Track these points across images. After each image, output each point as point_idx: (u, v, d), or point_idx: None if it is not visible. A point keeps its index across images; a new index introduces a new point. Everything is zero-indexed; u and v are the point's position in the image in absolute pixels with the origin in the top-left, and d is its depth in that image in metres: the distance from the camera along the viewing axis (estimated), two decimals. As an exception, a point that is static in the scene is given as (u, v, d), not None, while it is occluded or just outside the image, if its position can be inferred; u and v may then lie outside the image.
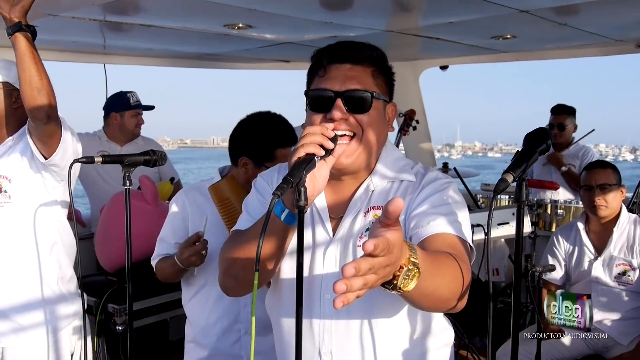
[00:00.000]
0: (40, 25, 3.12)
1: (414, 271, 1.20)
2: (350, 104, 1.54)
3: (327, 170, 1.46)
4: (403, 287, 1.20)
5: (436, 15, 3.20)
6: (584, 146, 5.43)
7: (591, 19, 3.25)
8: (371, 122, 1.56)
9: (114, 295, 3.44)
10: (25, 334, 2.48)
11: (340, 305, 1.06)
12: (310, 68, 1.65)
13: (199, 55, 4.58)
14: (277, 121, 2.48)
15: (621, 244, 3.41)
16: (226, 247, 1.62)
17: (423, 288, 1.24)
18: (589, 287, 3.47)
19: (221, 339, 2.49)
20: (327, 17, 3.15)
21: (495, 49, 4.21)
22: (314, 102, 1.58)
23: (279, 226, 1.45)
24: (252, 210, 1.69)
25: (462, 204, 1.56)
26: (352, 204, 1.62)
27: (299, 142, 1.42)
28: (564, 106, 5.36)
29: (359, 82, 1.56)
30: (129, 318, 2.21)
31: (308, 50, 1.71)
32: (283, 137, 2.42)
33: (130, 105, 4.40)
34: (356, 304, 1.35)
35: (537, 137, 1.48)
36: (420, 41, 3.90)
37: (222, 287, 1.67)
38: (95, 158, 2.26)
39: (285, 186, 1.30)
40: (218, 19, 3.17)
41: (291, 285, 1.59)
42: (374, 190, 1.63)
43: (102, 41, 3.79)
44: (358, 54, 1.58)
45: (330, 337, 1.61)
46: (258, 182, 1.77)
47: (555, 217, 4.60)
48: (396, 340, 1.62)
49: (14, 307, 2.47)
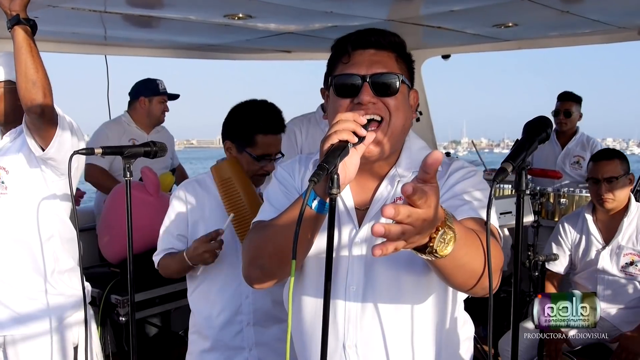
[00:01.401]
0: (40, 17, 3.11)
1: (449, 234, 1.19)
2: (378, 87, 1.53)
3: (357, 158, 1.42)
4: (439, 250, 1.18)
5: (437, 3, 3.19)
6: (588, 136, 5.39)
7: (593, 6, 3.23)
8: (398, 106, 1.55)
9: (117, 287, 3.46)
10: (25, 325, 2.49)
11: (379, 253, 1.08)
12: (331, 56, 1.64)
13: (200, 46, 4.57)
14: (261, 108, 2.49)
15: (630, 233, 3.38)
16: (252, 238, 1.60)
17: (457, 258, 1.25)
18: (594, 277, 3.45)
19: (223, 331, 2.50)
20: (327, 6, 3.13)
21: (498, 37, 4.19)
22: (340, 88, 1.56)
23: (310, 215, 1.41)
24: (274, 202, 1.66)
25: (488, 191, 1.53)
26: (379, 195, 1.61)
27: (330, 129, 1.39)
28: (570, 93, 5.31)
29: (385, 66, 1.55)
30: (130, 309, 2.22)
31: (309, 40, 1.71)
32: (264, 124, 2.44)
33: (159, 91, 4.50)
34: (383, 295, 1.50)
35: (537, 125, 1.47)
36: (421, 30, 3.88)
37: (247, 277, 1.63)
38: (96, 150, 2.26)
39: (321, 173, 1.27)
40: (218, 9, 3.16)
41: (315, 276, 1.60)
42: (400, 180, 1.61)
43: (102, 32, 3.78)
44: (382, 39, 1.57)
45: (355, 329, 1.58)
46: (279, 173, 1.74)
47: (558, 206, 4.59)
48: (420, 334, 1.61)
49: (12, 298, 2.49)
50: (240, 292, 2.47)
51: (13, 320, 2.48)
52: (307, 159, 1.73)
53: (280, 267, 1.52)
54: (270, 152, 2.47)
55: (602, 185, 3.34)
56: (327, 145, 1.36)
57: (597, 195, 3.39)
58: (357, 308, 1.58)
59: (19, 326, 2.48)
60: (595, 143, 5.35)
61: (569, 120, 5.26)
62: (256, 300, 2.47)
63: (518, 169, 1.37)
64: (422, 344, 1.62)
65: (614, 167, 3.36)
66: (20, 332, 2.48)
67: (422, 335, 1.62)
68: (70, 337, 2.59)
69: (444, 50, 4.87)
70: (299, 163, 1.74)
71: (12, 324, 2.48)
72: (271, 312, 2.49)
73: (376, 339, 1.58)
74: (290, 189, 1.68)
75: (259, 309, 2.48)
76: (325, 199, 1.39)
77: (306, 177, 1.66)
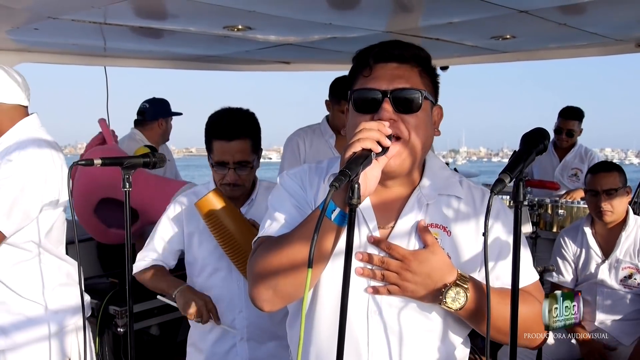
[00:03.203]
0: (40, 28, 3.13)
1: (461, 292, 1.43)
2: (399, 103, 1.47)
3: (379, 170, 1.38)
4: (449, 304, 1.43)
5: (436, 15, 3.20)
6: (586, 148, 5.36)
7: (591, 19, 3.25)
8: (419, 125, 1.49)
9: (116, 297, 3.45)
10: (20, 336, 2.46)
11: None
12: (352, 68, 1.58)
13: (199, 57, 4.58)
14: (222, 114, 2.40)
15: (627, 246, 3.38)
16: (261, 255, 1.49)
17: (476, 312, 1.44)
18: (594, 289, 3.45)
19: (217, 345, 2.48)
20: (326, 18, 3.15)
21: (495, 49, 4.20)
22: (360, 103, 1.50)
23: (329, 227, 1.36)
24: (284, 215, 1.56)
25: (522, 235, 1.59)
26: (404, 215, 1.54)
27: (354, 137, 1.35)
28: (573, 111, 5.18)
29: (407, 81, 1.49)
30: (129, 320, 2.21)
31: (308, 52, 1.71)
32: (217, 128, 2.35)
33: (172, 112, 4.75)
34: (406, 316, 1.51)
35: (535, 137, 1.47)
36: (420, 42, 3.90)
37: (255, 299, 1.51)
38: (95, 160, 2.26)
39: (342, 178, 1.23)
40: (217, 20, 3.17)
41: (334, 295, 1.47)
42: (429, 204, 1.56)
43: (102, 43, 3.80)
44: (405, 52, 1.51)
45: (377, 353, 1.51)
46: (286, 183, 1.64)
47: (556, 217, 4.59)
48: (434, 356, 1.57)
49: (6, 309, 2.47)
50: (233, 306, 2.44)
51: (4, 332, 2.46)
52: (318, 169, 1.65)
53: (295, 286, 1.44)
54: (225, 160, 2.34)
55: (601, 197, 3.33)
56: (349, 153, 1.33)
57: (596, 207, 3.38)
58: (379, 331, 1.51)
59: (10, 338, 2.46)
60: (593, 155, 5.34)
61: (570, 139, 5.21)
62: (250, 315, 2.41)
63: (516, 180, 1.37)
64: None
65: (613, 179, 3.35)
66: (11, 343, 2.46)
67: (445, 355, 1.58)
68: (66, 347, 2.57)
69: (442, 61, 4.89)
70: (310, 173, 1.65)
71: (4, 335, 2.46)
72: (267, 328, 2.44)
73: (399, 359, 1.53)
74: (302, 203, 1.59)
75: (253, 323, 2.44)
76: (345, 210, 1.34)
77: (321, 190, 1.59)
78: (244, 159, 2.35)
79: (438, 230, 1.54)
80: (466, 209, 1.57)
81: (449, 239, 1.54)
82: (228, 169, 2.35)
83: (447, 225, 1.55)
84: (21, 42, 3.65)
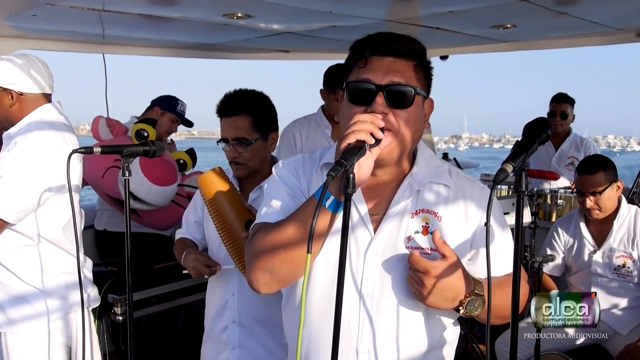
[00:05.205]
0: (38, 15, 3.11)
1: (478, 301, 1.50)
2: (392, 98, 1.52)
3: (372, 161, 1.44)
4: (470, 312, 1.51)
5: (436, 4, 3.19)
6: (581, 137, 5.40)
7: (591, 8, 3.24)
8: (410, 119, 1.54)
9: (114, 286, 3.45)
10: (19, 319, 2.48)
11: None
12: (349, 57, 1.62)
13: (198, 45, 4.56)
14: (227, 94, 2.47)
15: (621, 236, 3.40)
16: (258, 241, 1.55)
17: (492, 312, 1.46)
18: (589, 278, 3.47)
19: (213, 324, 2.54)
20: (326, 6, 3.13)
21: (496, 38, 4.19)
22: (354, 95, 1.55)
23: (323, 214, 1.42)
24: (279, 202, 1.62)
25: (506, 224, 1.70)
26: (395, 202, 1.60)
27: (348, 128, 1.41)
28: (564, 95, 5.31)
29: (402, 75, 1.53)
30: (128, 309, 2.21)
31: (307, 40, 1.71)
32: (220, 106, 2.45)
33: (176, 110, 4.45)
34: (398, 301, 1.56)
35: (537, 126, 1.48)
36: (420, 31, 3.88)
37: (253, 282, 1.57)
38: (94, 149, 2.26)
39: (339, 168, 1.29)
40: (217, 8, 3.16)
41: (325, 280, 1.56)
42: (419, 190, 1.61)
43: (101, 31, 3.78)
44: (401, 46, 1.55)
45: (369, 335, 1.56)
46: (282, 173, 1.70)
47: (555, 207, 4.60)
48: (434, 340, 1.62)
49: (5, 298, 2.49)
50: (227, 288, 2.47)
51: (6, 318, 2.47)
52: (311, 159, 1.71)
53: (291, 270, 1.51)
54: (225, 136, 2.42)
55: (587, 199, 3.36)
56: (344, 144, 1.39)
57: (584, 207, 3.42)
58: (371, 313, 1.56)
59: (13, 324, 2.47)
60: (589, 144, 5.36)
61: (564, 122, 5.27)
62: (242, 299, 2.44)
63: (518, 170, 1.37)
64: (436, 349, 1.63)
65: (598, 180, 3.35)
66: (10, 324, 2.47)
67: (436, 341, 1.62)
68: (63, 335, 2.57)
69: (442, 51, 4.88)
70: (303, 163, 1.71)
71: (5, 320, 2.47)
72: (258, 315, 2.45)
73: (390, 345, 1.57)
74: (296, 191, 1.65)
75: (244, 308, 2.46)
76: (340, 199, 1.40)
77: (314, 179, 1.65)
78: (242, 136, 2.40)
79: (429, 215, 1.59)
80: (455, 197, 1.63)
81: (440, 224, 1.59)
82: (228, 144, 2.41)
83: (437, 211, 1.61)
84: (19, 28, 3.62)
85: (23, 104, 2.53)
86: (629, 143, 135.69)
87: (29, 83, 2.53)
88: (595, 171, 3.39)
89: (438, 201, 1.61)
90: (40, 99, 2.57)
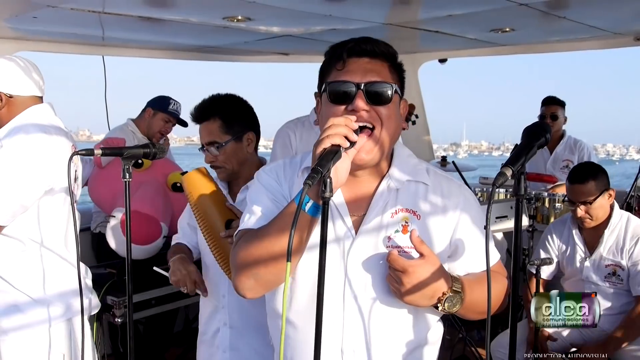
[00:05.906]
0: (39, 17, 3.11)
1: (455, 298, 1.53)
2: (372, 95, 1.55)
3: (348, 162, 1.47)
4: (448, 309, 1.54)
5: (435, 8, 3.20)
6: (575, 139, 5.38)
7: (590, 12, 3.26)
8: (390, 115, 1.57)
9: (113, 288, 3.45)
10: (12, 327, 2.45)
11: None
12: (325, 62, 1.65)
13: (198, 48, 4.57)
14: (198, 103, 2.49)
15: (610, 244, 3.38)
16: (242, 247, 1.58)
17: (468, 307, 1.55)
18: (581, 285, 3.47)
19: (206, 326, 2.54)
20: (326, 9, 3.14)
21: (495, 42, 4.21)
22: (335, 95, 1.57)
23: (304, 218, 1.44)
24: (261, 208, 1.65)
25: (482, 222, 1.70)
26: (375, 202, 1.62)
27: (323, 133, 1.44)
28: (554, 98, 5.29)
29: (379, 74, 1.57)
30: (128, 312, 2.21)
31: (307, 43, 1.72)
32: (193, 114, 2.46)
33: (168, 109, 4.40)
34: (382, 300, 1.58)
35: (536, 130, 1.49)
36: (419, 34, 3.90)
37: (238, 287, 1.60)
38: (95, 150, 2.26)
39: (315, 176, 1.31)
40: (217, 11, 3.17)
41: (309, 280, 1.57)
42: (398, 189, 1.63)
43: (100, 33, 3.79)
44: (376, 48, 1.60)
45: (354, 334, 1.58)
46: (264, 179, 1.73)
47: (553, 211, 4.60)
48: (419, 339, 1.64)
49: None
50: (218, 289, 2.46)
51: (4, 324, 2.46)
52: (292, 164, 1.73)
53: (275, 275, 1.53)
54: (201, 142, 2.46)
55: (578, 208, 3.35)
56: (319, 149, 1.41)
57: (575, 216, 3.41)
58: (355, 313, 1.58)
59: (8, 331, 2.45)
60: (583, 146, 5.35)
61: (555, 123, 5.25)
62: (231, 300, 2.44)
63: (517, 173, 1.38)
64: (420, 348, 1.65)
65: (589, 190, 3.32)
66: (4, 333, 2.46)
67: (420, 339, 1.64)
68: (61, 347, 2.54)
69: (441, 54, 4.90)
70: (284, 168, 1.73)
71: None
72: (248, 316, 2.44)
73: (375, 344, 1.59)
74: (278, 196, 1.68)
75: (234, 309, 2.45)
76: (318, 202, 1.43)
77: (295, 183, 1.68)
78: (213, 140, 2.43)
79: (408, 214, 1.61)
80: (433, 196, 1.65)
81: (419, 222, 1.62)
82: (204, 150, 2.45)
83: (416, 209, 1.63)
84: (19, 30, 3.63)
85: (12, 106, 2.50)
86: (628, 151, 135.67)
87: (19, 85, 2.48)
88: (586, 180, 3.35)
89: (417, 200, 1.64)
90: (31, 101, 2.52)
